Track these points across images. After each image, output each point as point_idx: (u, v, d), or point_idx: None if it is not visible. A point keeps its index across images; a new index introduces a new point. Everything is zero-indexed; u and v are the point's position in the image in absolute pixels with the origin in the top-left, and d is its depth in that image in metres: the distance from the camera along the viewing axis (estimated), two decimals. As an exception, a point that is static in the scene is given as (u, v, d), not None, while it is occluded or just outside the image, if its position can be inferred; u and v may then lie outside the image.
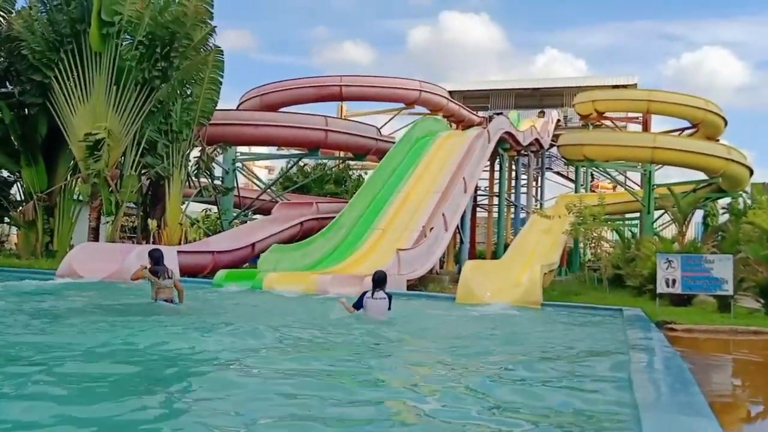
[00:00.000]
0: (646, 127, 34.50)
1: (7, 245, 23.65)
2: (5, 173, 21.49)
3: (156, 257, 9.31)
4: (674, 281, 11.60)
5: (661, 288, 11.72)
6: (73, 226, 19.78)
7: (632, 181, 35.55)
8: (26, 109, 19.55)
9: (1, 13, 20.19)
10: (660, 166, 25.82)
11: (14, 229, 22.95)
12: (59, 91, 18.45)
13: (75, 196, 20.02)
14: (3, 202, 20.52)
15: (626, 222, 32.44)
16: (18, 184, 20.93)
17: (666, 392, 4.56)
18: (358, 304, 8.94)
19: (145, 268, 9.24)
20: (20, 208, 19.73)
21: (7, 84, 20.19)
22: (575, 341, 8.34)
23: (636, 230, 28.04)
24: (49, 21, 18.87)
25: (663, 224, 31.01)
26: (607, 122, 32.44)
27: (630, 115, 35.37)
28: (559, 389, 5.20)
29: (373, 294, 8.91)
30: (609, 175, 32.60)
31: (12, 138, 19.43)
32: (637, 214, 28.87)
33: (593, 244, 19.20)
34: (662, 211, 28.47)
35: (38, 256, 18.27)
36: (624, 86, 35.46)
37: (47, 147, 19.66)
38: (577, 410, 4.50)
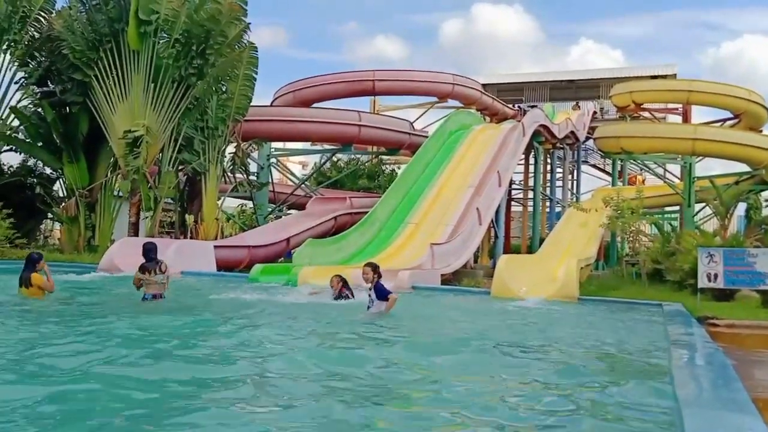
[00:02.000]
0: (686, 119, 33.68)
1: (51, 240, 24.31)
2: (48, 170, 22.12)
3: (145, 250, 9.15)
4: (716, 276, 11.33)
5: (702, 283, 11.45)
6: (114, 221, 20.26)
7: (672, 174, 34.73)
8: (68, 108, 20.05)
9: (42, 14, 20.74)
10: (701, 158, 25.18)
11: (57, 225, 23.58)
12: (99, 89, 18.87)
13: (115, 192, 20.49)
14: (46, 199, 21.11)
15: (666, 215, 31.74)
16: (60, 180, 21.51)
17: (708, 388, 4.46)
18: (384, 295, 8.84)
19: (139, 269, 9.10)
20: (63, 204, 20.27)
21: (49, 83, 20.73)
22: (613, 336, 8.21)
23: (676, 224, 27.41)
24: (89, 20, 19.29)
25: (704, 218, 30.23)
26: (646, 114, 31.74)
27: (669, 106, 34.57)
28: (598, 387, 5.11)
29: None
30: (647, 167, 31.91)
31: (54, 136, 19.97)
32: (677, 208, 28.23)
33: (631, 238, 18.84)
34: (703, 204, 27.77)
35: (80, 250, 18.75)
36: (663, 77, 34.63)
37: (88, 144, 20.14)
38: (617, 406, 4.43)
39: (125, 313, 7.99)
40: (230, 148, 22.64)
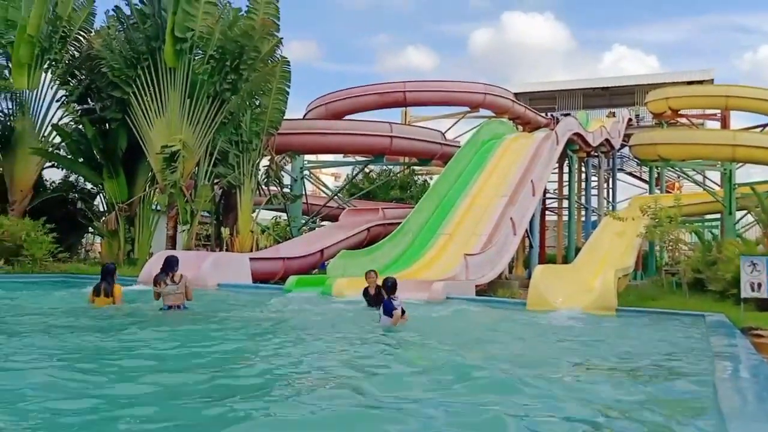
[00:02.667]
0: (725, 124, 32.94)
1: (92, 254, 24.91)
2: (89, 185, 22.72)
3: (166, 263, 9.37)
4: (760, 285, 10.97)
5: (745, 292, 11.11)
6: (152, 234, 20.68)
7: (711, 180, 33.94)
8: (107, 124, 20.61)
9: (82, 33, 21.42)
10: (741, 164, 24.58)
11: (98, 239, 24.14)
12: (137, 105, 19.35)
13: (153, 206, 20.92)
14: (87, 213, 21.68)
15: (706, 224, 31.01)
16: (101, 195, 22.07)
17: (753, 401, 4.33)
18: (389, 309, 8.66)
19: (153, 281, 9.46)
20: (103, 218, 20.77)
21: (89, 101, 21.36)
22: (654, 348, 8.02)
23: (717, 232, 26.75)
24: (126, 39, 19.83)
25: (746, 225, 29.45)
26: (683, 120, 31.16)
27: (707, 112, 33.87)
28: (641, 400, 4.99)
29: (392, 300, 8.77)
30: (686, 174, 31.26)
31: (94, 152, 20.52)
32: (718, 215, 27.55)
33: (670, 247, 18.43)
34: (745, 211, 27.05)
35: (120, 263, 19.16)
36: (699, 82, 34.01)
37: (127, 160, 20.64)
38: (661, 420, 4.32)
39: (139, 325, 8.18)
40: (264, 161, 22.95)
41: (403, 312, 8.73)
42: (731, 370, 5.69)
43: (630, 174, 40.94)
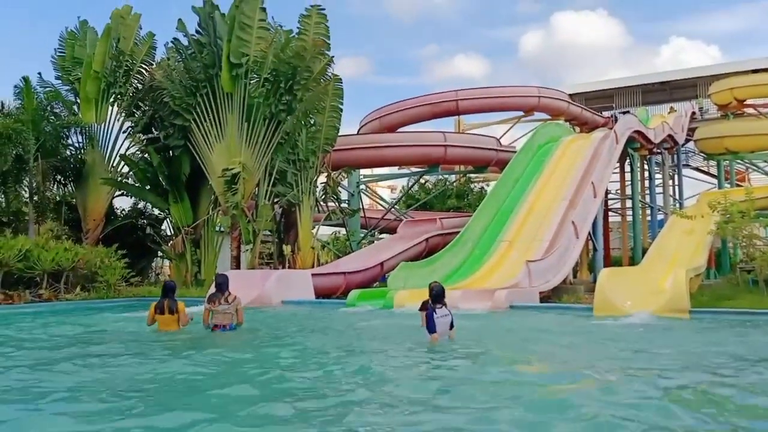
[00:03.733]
0: (796, 112, 31.35)
1: (162, 277, 25.81)
2: (156, 211, 23.60)
3: (218, 283, 9.39)
4: None
5: (829, 288, 10.52)
6: (218, 255, 21.26)
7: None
8: (171, 152, 21.41)
9: (144, 66, 22.37)
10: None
11: (167, 262, 24.99)
12: (198, 131, 20.02)
13: (217, 228, 21.52)
14: (156, 238, 22.51)
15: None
16: (168, 220, 22.88)
17: None
18: (432, 327, 7.88)
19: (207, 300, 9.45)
20: (171, 242, 21.51)
21: (153, 130, 22.24)
22: (733, 351, 7.67)
23: (794, 225, 25.36)
24: (185, 68, 20.57)
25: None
26: (750, 110, 29.84)
27: (776, 100, 32.29)
28: (729, 408, 4.78)
29: (435, 311, 7.92)
30: (756, 166, 29.88)
31: (160, 179, 21.33)
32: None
33: (744, 243, 17.61)
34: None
35: (189, 285, 19.77)
36: (765, 70, 32.47)
37: (190, 184, 21.35)
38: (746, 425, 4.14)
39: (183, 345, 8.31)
40: (321, 178, 23.28)
41: (452, 326, 8.02)
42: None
43: (697, 169, 39.40)
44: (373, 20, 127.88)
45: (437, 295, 8.01)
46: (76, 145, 21.90)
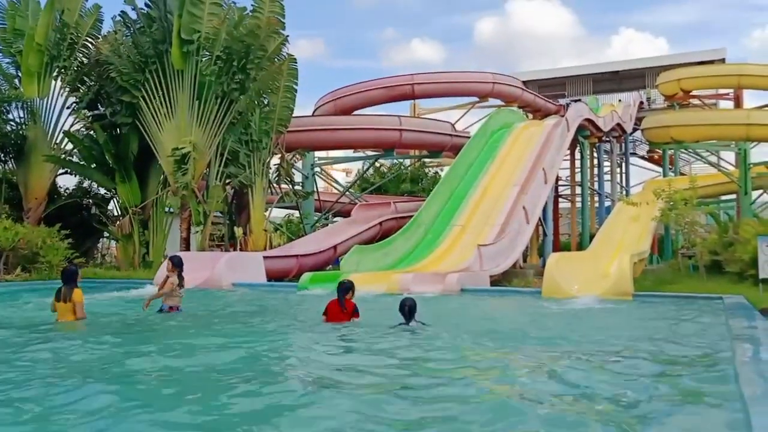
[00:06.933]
0: (738, 104, 32.52)
1: (108, 258, 25.14)
2: (102, 190, 22.90)
3: (179, 263, 9.42)
4: (779, 265, 10.87)
5: (763, 273, 11.03)
6: (166, 237, 20.80)
7: (726, 161, 33.55)
8: (118, 129, 20.72)
9: (89, 40, 21.53)
10: (756, 143, 24.26)
11: (113, 243, 24.34)
12: (147, 109, 19.43)
13: (166, 209, 21.03)
14: (102, 218, 21.85)
15: (722, 204, 30.67)
16: (114, 200, 22.22)
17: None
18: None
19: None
20: (117, 222, 20.93)
21: (99, 106, 21.47)
22: (672, 332, 7.95)
23: (733, 213, 26.45)
24: (134, 43, 19.89)
25: (762, 205, 29.08)
26: (695, 101, 30.81)
27: (720, 92, 33.45)
28: (661, 383, 4.95)
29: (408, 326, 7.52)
30: (700, 155, 30.93)
31: (106, 157, 20.65)
32: (734, 196, 27.23)
33: (686, 230, 18.25)
34: (761, 191, 26.73)
35: (136, 266, 19.32)
36: (711, 62, 33.55)
37: (139, 163, 20.75)
38: (679, 400, 4.28)
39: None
40: (275, 160, 22.99)
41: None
42: (752, 353, 5.62)
43: (643, 158, 40.58)
44: (331, 2, 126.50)
45: (411, 311, 7.54)
46: (17, 120, 20.96)
